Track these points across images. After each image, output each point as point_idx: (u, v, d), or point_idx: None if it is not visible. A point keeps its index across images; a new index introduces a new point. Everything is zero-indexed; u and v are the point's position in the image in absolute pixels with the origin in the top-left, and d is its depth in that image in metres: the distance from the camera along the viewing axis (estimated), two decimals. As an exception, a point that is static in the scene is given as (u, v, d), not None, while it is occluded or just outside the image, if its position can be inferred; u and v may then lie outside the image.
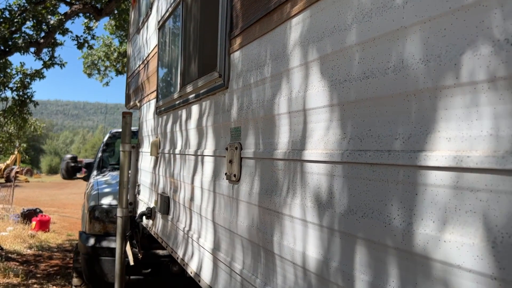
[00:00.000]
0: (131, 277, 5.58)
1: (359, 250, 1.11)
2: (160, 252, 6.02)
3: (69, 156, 7.36)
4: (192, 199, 2.53)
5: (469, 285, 0.80)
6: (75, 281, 5.87)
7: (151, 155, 3.63)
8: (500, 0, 0.78)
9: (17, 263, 8.40)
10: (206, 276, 2.21)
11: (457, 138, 0.85)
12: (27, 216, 12.11)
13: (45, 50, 9.56)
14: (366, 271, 1.08)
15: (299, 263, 1.38)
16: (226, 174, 1.99)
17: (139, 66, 4.72)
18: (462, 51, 0.85)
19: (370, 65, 1.10)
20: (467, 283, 0.81)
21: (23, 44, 8.45)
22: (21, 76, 9.70)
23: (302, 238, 1.37)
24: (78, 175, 7.33)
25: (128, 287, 5.56)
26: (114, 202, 5.32)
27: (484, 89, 0.80)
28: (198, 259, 2.36)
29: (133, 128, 6.11)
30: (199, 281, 2.28)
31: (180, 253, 2.71)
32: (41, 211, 12.72)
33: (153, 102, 3.83)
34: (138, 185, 4.41)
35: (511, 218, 0.74)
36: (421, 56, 0.94)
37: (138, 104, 4.73)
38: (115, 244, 4.69)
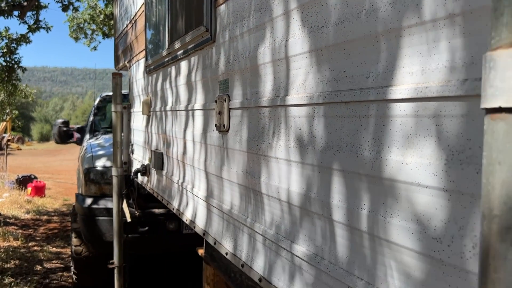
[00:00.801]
0: (129, 235, 5.78)
1: (335, 181, 1.23)
2: (156, 211, 6.20)
3: (60, 120, 7.39)
4: (184, 152, 2.64)
5: (426, 199, 0.93)
6: (75, 241, 6.06)
7: (142, 114, 3.70)
8: None
9: (15, 227, 8.59)
10: (200, 222, 2.36)
11: (418, 72, 0.95)
12: (22, 182, 12.23)
13: (29, 13, 9.35)
14: (341, 199, 1.21)
15: (284, 199, 1.51)
16: (216, 125, 2.09)
17: (126, 26, 4.70)
18: (423, -8, 0.94)
19: (345, 10, 1.18)
20: (425, 197, 0.94)
21: (6, 8, 8.26)
22: (6, 41, 9.54)
23: (286, 176, 1.49)
24: (71, 140, 7.38)
25: (126, 246, 5.77)
26: (108, 164, 5.42)
27: (441, 26, 0.90)
28: (193, 208, 2.50)
29: (123, 92, 6.14)
30: (194, 227, 2.43)
31: (175, 204, 2.85)
32: (36, 177, 12.84)
33: (142, 62, 3.87)
34: (132, 145, 4.51)
35: (460, 137, 0.86)
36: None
37: (128, 65, 4.75)
38: (111, 204, 4.83)
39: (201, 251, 5.41)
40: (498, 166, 0.60)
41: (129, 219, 4.48)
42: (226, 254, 1.96)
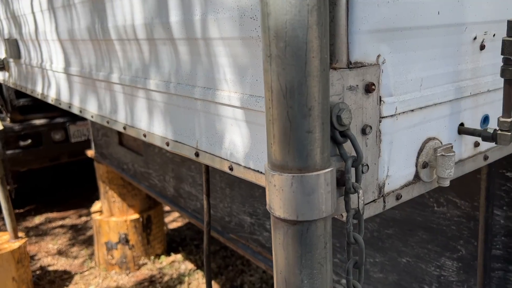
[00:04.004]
0: (8, 152, 5.36)
1: (170, -5, 1.21)
2: (37, 122, 5.77)
3: None
4: (36, 29, 2.39)
5: None
6: None
7: (-14, 0, 3.21)
8: None
9: None
10: (64, 97, 2.24)
11: None
12: None
13: None
14: (178, 13, 1.20)
15: (131, 36, 1.46)
16: (58, -18, 1.89)
17: None
18: None
19: None
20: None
21: None
22: None
23: (130, 11, 1.43)
24: None
25: (12, 163, 5.37)
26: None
27: None
28: (56, 85, 2.35)
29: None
30: (60, 104, 2.31)
31: (39, 89, 2.65)
32: None
33: None
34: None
35: None
36: None
37: None
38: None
39: (90, 152, 5.26)
40: None
41: (0, 127, 4.12)
42: (92, 117, 1.92)
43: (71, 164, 6.24)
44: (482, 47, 1.02)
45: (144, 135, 1.55)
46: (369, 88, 0.80)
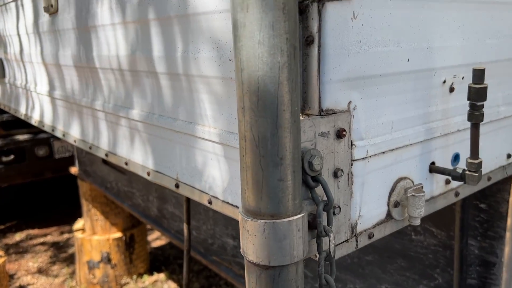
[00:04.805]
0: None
1: (153, 32, 1.24)
2: (21, 137, 5.71)
3: None
4: (21, 50, 2.40)
5: (221, 23, 0.99)
6: None
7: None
8: None
9: None
10: (48, 119, 2.24)
11: None
12: None
13: None
14: (160, 49, 1.23)
15: (115, 66, 1.48)
16: (44, 7, 1.91)
17: None
18: None
19: None
20: (219, 22, 0.99)
21: None
22: None
23: (114, 42, 1.45)
24: None
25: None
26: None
27: None
28: (39, 107, 2.35)
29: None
30: (43, 126, 2.30)
31: (22, 109, 2.64)
32: None
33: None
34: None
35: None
36: None
37: None
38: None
39: (74, 170, 5.21)
40: None
41: (-18, 144, 4.06)
42: (75, 141, 1.92)
43: (54, 180, 6.16)
44: (451, 89, 1.06)
45: (126, 163, 1.56)
46: (340, 134, 0.83)
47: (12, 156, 5.61)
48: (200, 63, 1.09)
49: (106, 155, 1.69)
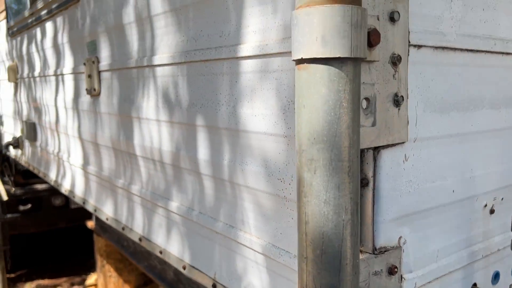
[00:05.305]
0: (8, 215, 5.33)
1: (200, 136, 1.30)
2: (39, 186, 5.78)
3: None
4: (57, 120, 2.50)
5: (271, 145, 1.05)
6: None
7: (9, 81, 3.37)
8: None
9: None
10: (79, 191, 2.29)
11: (260, 30, 1.04)
12: None
13: None
14: (206, 153, 1.29)
15: (157, 158, 1.54)
16: (86, 89, 2.02)
17: (-19, -18, 4.13)
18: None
19: (198, -30, 1.22)
20: (270, 143, 1.05)
21: None
22: None
23: (158, 136, 1.52)
24: None
25: (6, 227, 5.34)
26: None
27: (277, -13, 0.99)
28: (71, 177, 2.41)
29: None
30: (74, 197, 2.36)
31: (52, 176, 2.71)
32: None
33: (3, 23, 3.48)
34: (0, 116, 4.10)
35: (293, 88, 0.97)
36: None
37: (-13, 27, 4.22)
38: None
39: (91, 224, 5.24)
40: (303, 109, 0.71)
41: (5, 197, 4.14)
42: (107, 219, 1.96)
43: (68, 230, 6.17)
44: (491, 211, 1.09)
45: (161, 252, 1.58)
46: (392, 271, 0.86)
47: (29, 205, 5.67)
48: (247, 175, 1.14)
49: (140, 239, 1.72)
